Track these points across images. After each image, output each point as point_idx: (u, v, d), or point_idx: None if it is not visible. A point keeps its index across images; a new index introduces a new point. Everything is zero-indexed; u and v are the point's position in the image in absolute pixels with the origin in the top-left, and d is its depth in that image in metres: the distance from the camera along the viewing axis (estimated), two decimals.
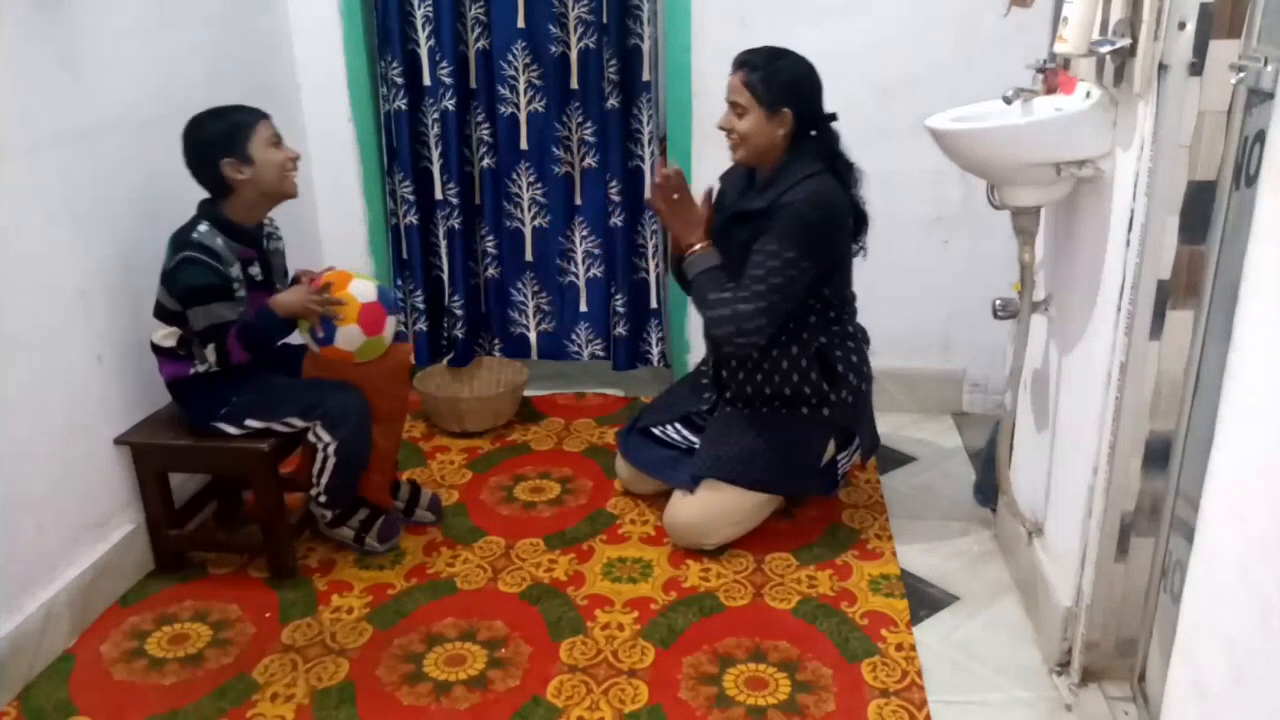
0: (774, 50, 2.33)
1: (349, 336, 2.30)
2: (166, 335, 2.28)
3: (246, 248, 2.31)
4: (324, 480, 2.36)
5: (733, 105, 2.33)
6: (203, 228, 2.22)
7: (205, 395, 2.31)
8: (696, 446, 2.53)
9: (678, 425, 2.61)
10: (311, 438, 2.32)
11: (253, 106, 2.29)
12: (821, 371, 2.43)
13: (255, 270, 2.34)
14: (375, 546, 2.45)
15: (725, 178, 2.59)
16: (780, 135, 2.32)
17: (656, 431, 2.64)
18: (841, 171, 2.38)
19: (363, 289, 2.33)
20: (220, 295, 2.22)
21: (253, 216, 2.32)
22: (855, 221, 2.44)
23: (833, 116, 2.39)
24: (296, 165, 2.32)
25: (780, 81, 2.29)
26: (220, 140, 2.22)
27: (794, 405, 2.44)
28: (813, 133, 2.36)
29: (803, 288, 2.31)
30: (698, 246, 2.38)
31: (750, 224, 2.34)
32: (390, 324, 2.37)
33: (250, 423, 2.31)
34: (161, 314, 2.28)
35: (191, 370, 2.29)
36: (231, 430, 2.31)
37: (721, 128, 2.36)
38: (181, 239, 2.22)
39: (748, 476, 2.43)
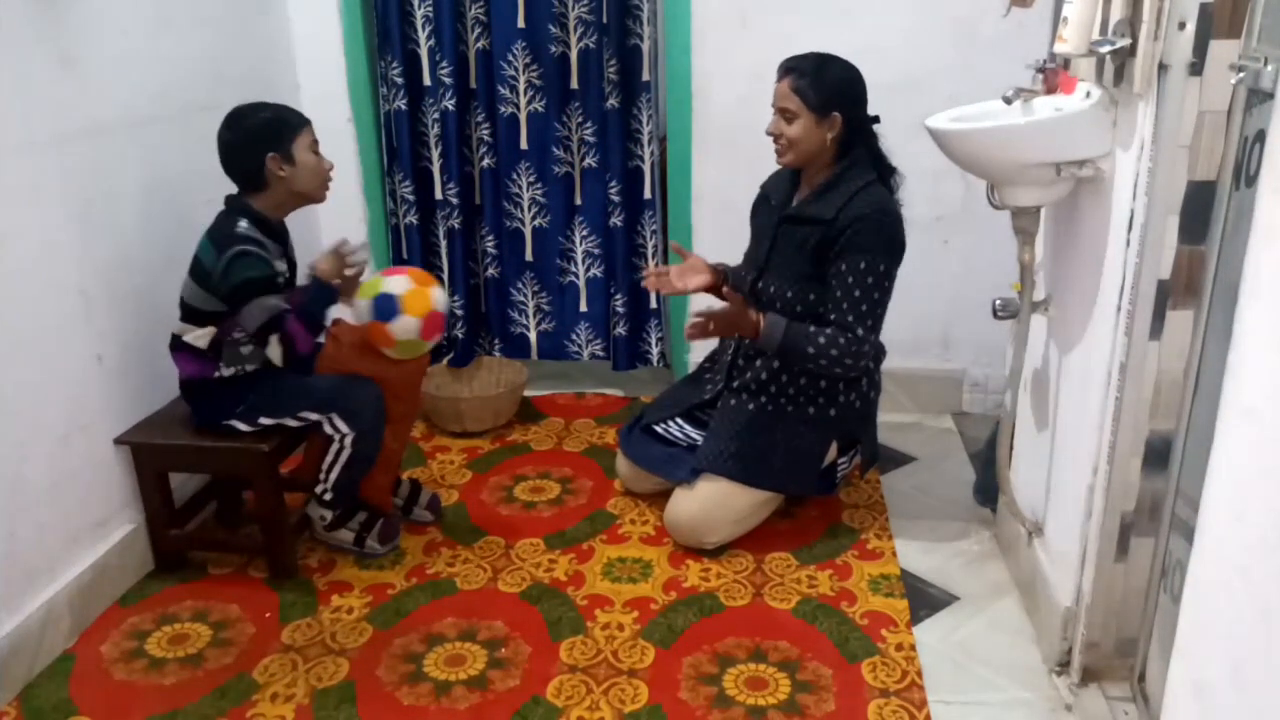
0: (820, 55, 2.35)
1: (406, 325, 2.32)
2: (199, 336, 2.25)
3: (276, 244, 2.31)
4: (333, 474, 2.36)
5: (781, 111, 2.34)
6: (243, 224, 2.22)
7: (223, 396, 2.31)
8: (698, 442, 2.54)
9: (680, 421, 2.62)
10: (328, 429, 2.32)
11: (298, 111, 2.31)
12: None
13: (283, 266, 2.34)
14: (376, 548, 2.45)
15: (769, 184, 2.60)
16: (829, 139, 2.33)
17: (658, 429, 2.64)
18: (887, 178, 2.41)
19: (440, 299, 2.38)
20: (271, 288, 2.21)
21: (278, 214, 2.32)
22: None
23: (875, 119, 2.40)
24: (329, 179, 2.35)
25: (828, 86, 2.31)
26: (270, 133, 2.23)
27: (802, 402, 2.44)
28: (858, 137, 2.38)
29: (889, 294, 2.36)
30: (761, 323, 2.35)
31: (808, 227, 2.36)
32: (435, 340, 2.44)
33: (264, 420, 2.31)
34: (193, 316, 2.25)
35: (216, 374, 2.28)
36: (244, 427, 2.31)
37: (770, 133, 2.37)
38: (227, 234, 2.20)
39: (748, 473, 2.43)
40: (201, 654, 2.14)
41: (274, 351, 2.22)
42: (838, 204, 2.31)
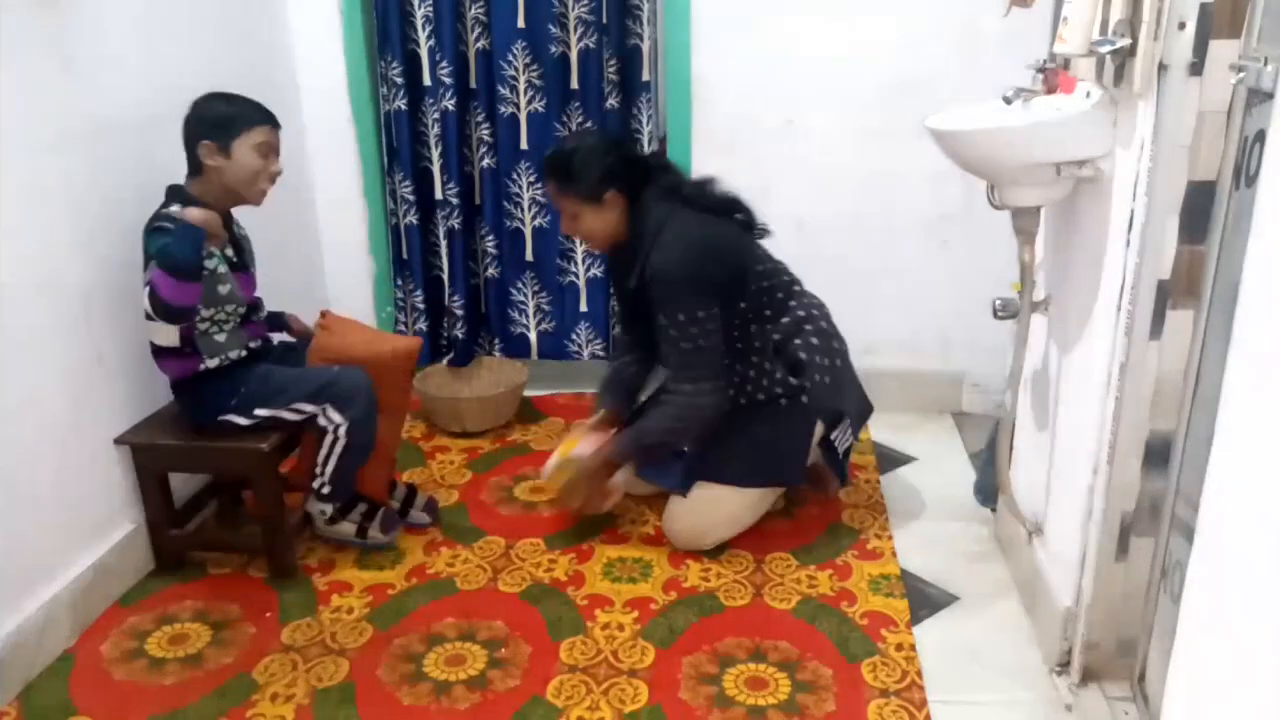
0: (567, 150, 2.31)
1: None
2: (167, 335, 2.25)
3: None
4: (330, 466, 2.35)
5: (562, 213, 2.35)
6: (174, 208, 2.20)
7: (214, 389, 2.31)
8: (686, 449, 2.53)
9: None
10: (322, 421, 2.31)
11: (268, 110, 2.28)
12: (787, 367, 2.42)
13: (230, 253, 2.32)
14: (379, 538, 2.45)
15: (610, 267, 2.62)
16: (618, 215, 2.32)
17: None
18: (690, 195, 2.35)
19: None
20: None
21: (216, 205, 2.27)
22: (735, 214, 2.40)
23: (646, 163, 2.39)
24: (273, 181, 2.30)
25: (590, 175, 2.27)
26: (211, 122, 2.22)
27: (776, 394, 2.43)
28: (642, 189, 2.33)
29: (719, 329, 2.31)
30: (613, 447, 2.44)
31: (645, 299, 2.34)
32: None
33: (259, 412, 2.30)
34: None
35: (201, 366, 2.29)
36: (241, 421, 2.31)
37: (565, 233, 2.37)
38: (151, 218, 2.19)
39: (739, 474, 2.43)
40: (201, 654, 2.14)
41: (146, 303, 2.12)
42: (641, 269, 2.30)
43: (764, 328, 2.41)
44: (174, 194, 2.25)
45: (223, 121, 2.22)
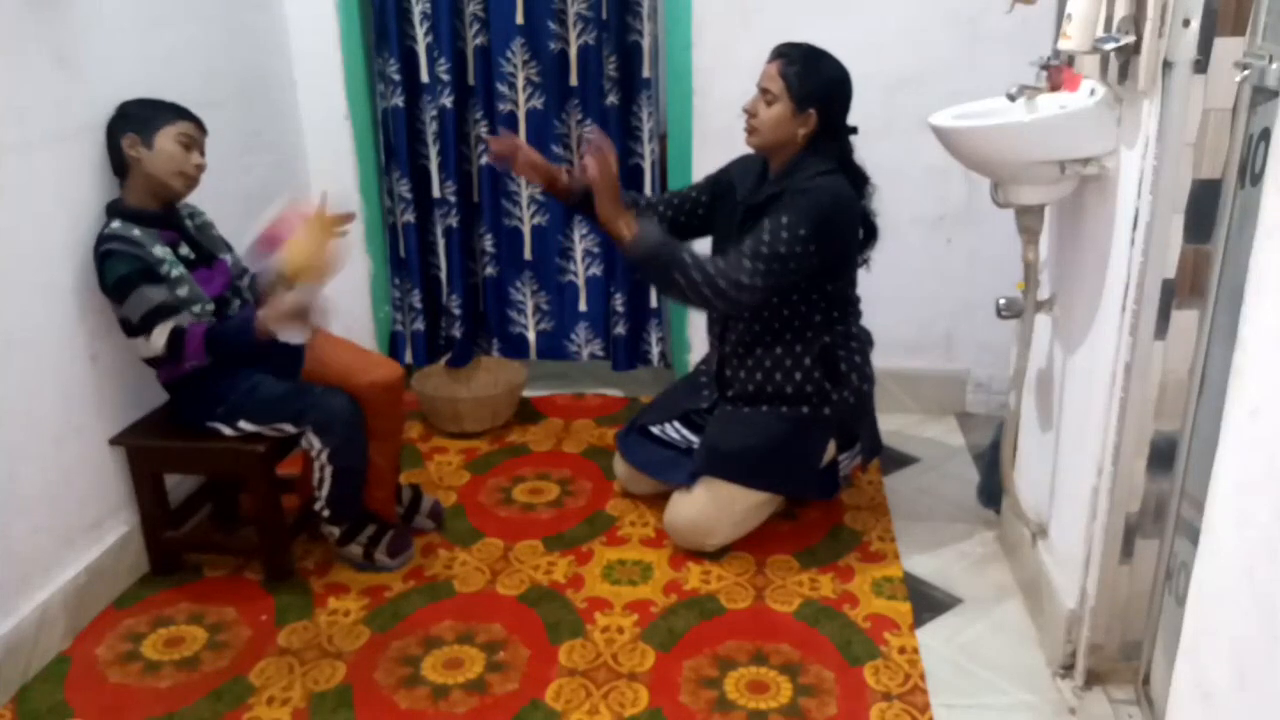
0: (815, 49, 2.33)
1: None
2: (150, 347, 2.21)
3: (165, 230, 2.26)
4: (324, 492, 2.32)
5: (763, 92, 2.32)
6: (115, 224, 2.19)
7: (201, 394, 2.29)
8: (695, 446, 2.52)
9: (676, 424, 2.60)
10: (305, 444, 2.29)
11: (195, 115, 2.27)
12: (825, 371, 2.41)
13: (186, 251, 2.30)
14: (386, 563, 2.40)
15: (735, 168, 2.56)
16: (800, 134, 2.31)
17: (655, 430, 2.62)
18: (854, 177, 2.37)
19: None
20: (147, 278, 2.17)
21: (149, 203, 2.25)
22: (865, 231, 2.44)
23: (853, 129, 2.38)
24: (196, 176, 2.27)
25: (815, 81, 2.29)
26: (134, 118, 2.22)
27: (795, 404, 2.43)
28: (830, 139, 2.35)
29: (803, 269, 2.27)
30: (633, 228, 2.26)
31: (763, 215, 2.32)
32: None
33: (243, 425, 2.28)
34: (129, 329, 2.22)
35: (189, 365, 2.27)
36: (226, 430, 2.29)
37: (746, 110, 2.35)
38: (97, 241, 2.19)
39: (746, 474, 2.41)
40: (197, 657, 2.12)
41: (158, 341, 2.17)
42: (785, 185, 2.30)
43: (823, 324, 2.41)
44: (113, 209, 2.24)
45: (145, 116, 2.23)
